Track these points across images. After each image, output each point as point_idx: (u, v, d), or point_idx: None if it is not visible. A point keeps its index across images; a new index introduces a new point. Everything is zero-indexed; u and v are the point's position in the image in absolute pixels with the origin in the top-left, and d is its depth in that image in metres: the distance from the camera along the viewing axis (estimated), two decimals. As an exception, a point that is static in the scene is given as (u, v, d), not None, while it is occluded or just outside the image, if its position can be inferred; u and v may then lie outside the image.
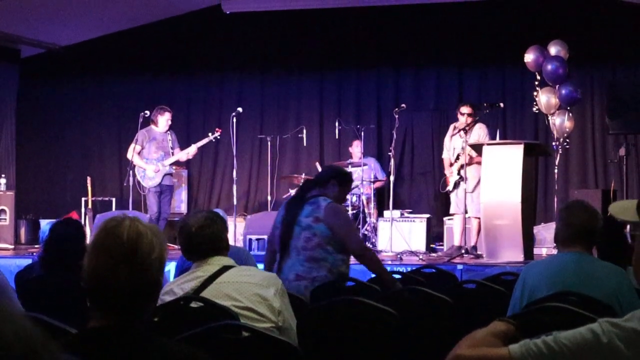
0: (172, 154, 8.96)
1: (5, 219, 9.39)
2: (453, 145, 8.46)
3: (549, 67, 8.60)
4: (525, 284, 3.38)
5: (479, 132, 8.24)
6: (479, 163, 7.95)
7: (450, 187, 8.44)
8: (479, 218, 8.06)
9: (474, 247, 8.13)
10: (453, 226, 8.62)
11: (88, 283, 1.83)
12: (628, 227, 4.22)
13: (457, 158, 8.34)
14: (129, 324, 1.82)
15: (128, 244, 1.81)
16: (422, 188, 10.80)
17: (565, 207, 3.57)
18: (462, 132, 8.16)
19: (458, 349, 1.81)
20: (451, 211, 8.65)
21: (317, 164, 10.42)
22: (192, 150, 9.05)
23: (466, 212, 8.17)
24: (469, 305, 3.80)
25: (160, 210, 8.85)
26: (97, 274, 1.82)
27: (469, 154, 8.10)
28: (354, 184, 9.35)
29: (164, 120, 8.94)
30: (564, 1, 10.03)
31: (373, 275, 4.78)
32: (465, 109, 8.35)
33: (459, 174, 8.28)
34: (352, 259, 4.69)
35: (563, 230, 3.42)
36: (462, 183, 8.22)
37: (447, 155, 8.58)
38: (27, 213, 10.64)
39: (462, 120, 8.33)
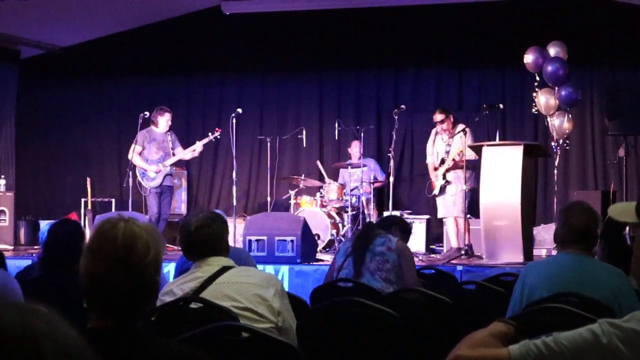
0: (173, 154, 8.95)
1: (4, 219, 9.39)
2: (436, 149, 8.51)
3: (549, 68, 8.60)
4: (525, 284, 3.38)
5: (462, 137, 8.24)
6: (462, 167, 8.04)
7: (436, 191, 8.47)
8: (463, 218, 8.11)
9: (470, 247, 8.15)
10: (447, 229, 8.63)
11: (84, 285, 1.83)
12: (627, 228, 4.21)
13: (442, 162, 8.37)
14: (128, 324, 1.82)
15: (123, 247, 1.80)
16: (422, 189, 10.70)
17: (564, 208, 3.57)
18: (443, 136, 8.32)
19: (458, 350, 1.81)
20: (439, 215, 8.66)
21: (318, 163, 10.43)
22: (198, 147, 9.03)
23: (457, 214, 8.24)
24: (469, 306, 3.81)
25: (160, 211, 8.85)
26: (93, 277, 1.82)
27: (453, 158, 8.15)
28: (353, 185, 9.44)
29: (164, 120, 8.93)
30: (563, 2, 10.04)
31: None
32: (437, 117, 8.43)
33: (444, 177, 8.33)
34: None
35: (562, 231, 3.43)
36: (448, 187, 8.29)
37: (431, 159, 8.62)
38: (27, 214, 10.64)
39: (440, 126, 8.39)
